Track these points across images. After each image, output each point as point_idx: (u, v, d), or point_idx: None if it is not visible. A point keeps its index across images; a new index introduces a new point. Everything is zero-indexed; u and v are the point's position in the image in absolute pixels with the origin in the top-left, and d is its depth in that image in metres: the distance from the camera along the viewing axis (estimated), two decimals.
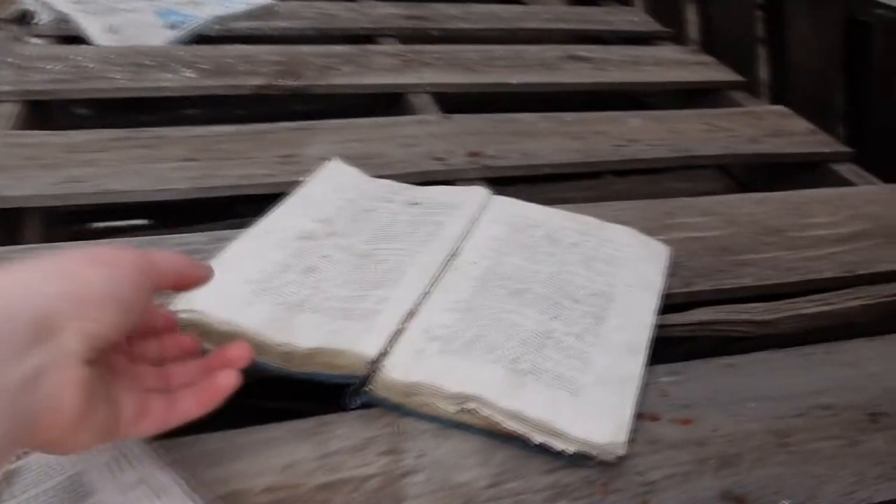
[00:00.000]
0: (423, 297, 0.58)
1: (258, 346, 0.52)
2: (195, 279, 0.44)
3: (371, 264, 0.61)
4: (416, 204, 0.69)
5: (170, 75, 0.97)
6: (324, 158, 0.81)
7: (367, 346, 0.52)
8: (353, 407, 0.52)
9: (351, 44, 1.19)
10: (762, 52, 1.29)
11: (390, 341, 0.53)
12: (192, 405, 0.43)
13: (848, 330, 0.67)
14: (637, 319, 0.58)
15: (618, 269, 0.63)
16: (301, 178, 0.77)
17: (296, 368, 0.52)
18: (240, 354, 0.46)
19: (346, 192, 0.71)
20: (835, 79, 1.14)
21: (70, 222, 0.88)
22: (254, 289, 0.57)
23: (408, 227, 0.66)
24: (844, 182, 0.91)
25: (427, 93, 1.02)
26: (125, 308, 0.36)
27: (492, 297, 0.58)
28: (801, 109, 1.08)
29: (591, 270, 0.62)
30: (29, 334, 0.32)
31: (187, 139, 0.83)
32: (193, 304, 0.54)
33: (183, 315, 0.53)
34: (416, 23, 1.27)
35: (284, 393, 0.60)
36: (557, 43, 1.23)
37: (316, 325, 0.54)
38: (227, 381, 0.44)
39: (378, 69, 1.05)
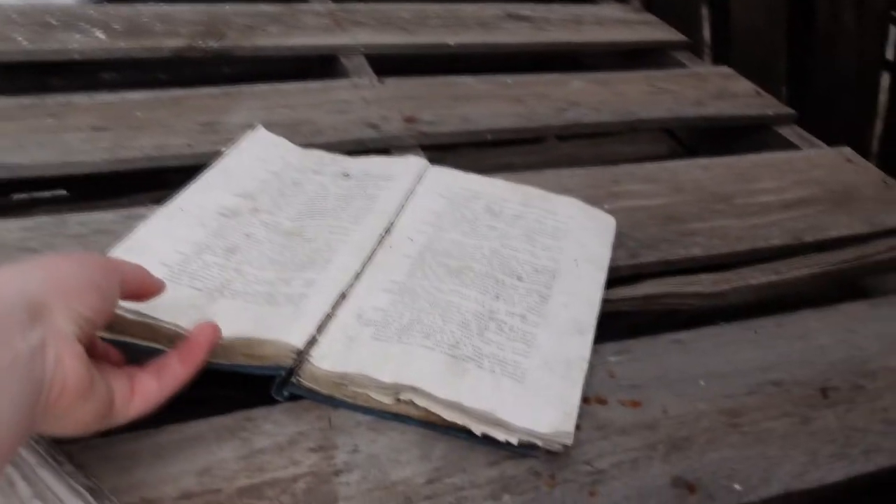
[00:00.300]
0: (356, 279, 0.53)
1: (176, 337, 0.47)
2: (153, 290, 0.46)
3: (298, 243, 0.56)
4: (348, 176, 0.65)
5: (78, 36, 0.89)
6: (248, 126, 0.76)
7: (293, 335, 0.47)
8: (280, 399, 0.48)
9: (277, 2, 1.11)
10: (705, 12, 1.26)
11: (319, 328, 0.49)
12: (178, 367, 0.43)
13: (796, 299, 0.66)
14: (584, 296, 0.55)
15: (563, 243, 0.60)
16: (223, 149, 0.71)
17: (218, 360, 0.48)
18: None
19: (270, 164, 0.66)
20: (778, 39, 1.12)
21: None
22: (169, 273, 0.52)
23: (339, 201, 0.61)
24: (789, 145, 0.90)
25: (360, 54, 0.96)
26: (104, 295, 0.39)
27: (429, 276, 0.54)
28: (745, 70, 1.06)
29: (534, 245, 0.59)
30: (27, 314, 0.34)
31: (98, 106, 0.77)
32: None
33: None
34: None
35: (209, 380, 0.55)
36: (495, 0, 1.18)
37: (237, 312, 0.49)
38: (208, 334, 0.45)
39: (307, 29, 0.99)
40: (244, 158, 0.66)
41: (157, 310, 0.48)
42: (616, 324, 0.63)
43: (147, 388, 0.42)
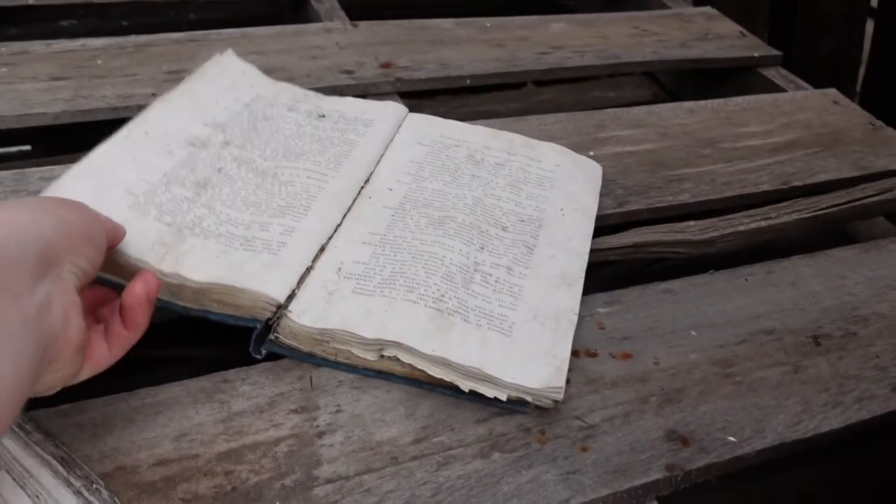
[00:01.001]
0: (335, 229, 0.51)
1: (140, 268, 0.44)
2: (120, 237, 0.44)
3: (274, 185, 0.53)
4: (323, 116, 0.61)
5: None
6: None
7: (273, 287, 0.45)
8: (258, 356, 0.46)
9: None
10: None
11: (299, 280, 0.47)
12: (125, 332, 0.41)
13: (786, 244, 0.64)
14: (571, 247, 0.54)
15: (548, 192, 0.58)
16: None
17: (187, 304, 0.45)
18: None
19: (240, 94, 0.62)
20: None
21: None
22: (134, 202, 0.48)
23: (315, 143, 0.58)
24: (774, 87, 0.87)
25: None
26: (98, 248, 0.39)
27: (411, 227, 0.52)
28: (727, 11, 1.04)
29: (519, 194, 0.57)
30: (39, 264, 0.34)
31: (56, 55, 0.73)
32: None
33: None
34: None
35: (179, 339, 0.53)
36: None
37: (210, 255, 0.46)
38: (142, 290, 0.41)
39: None
40: (211, 85, 0.61)
41: (124, 243, 0.45)
42: (604, 273, 0.62)
43: (98, 354, 0.40)
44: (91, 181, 0.48)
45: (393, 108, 0.64)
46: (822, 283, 0.58)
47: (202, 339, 0.52)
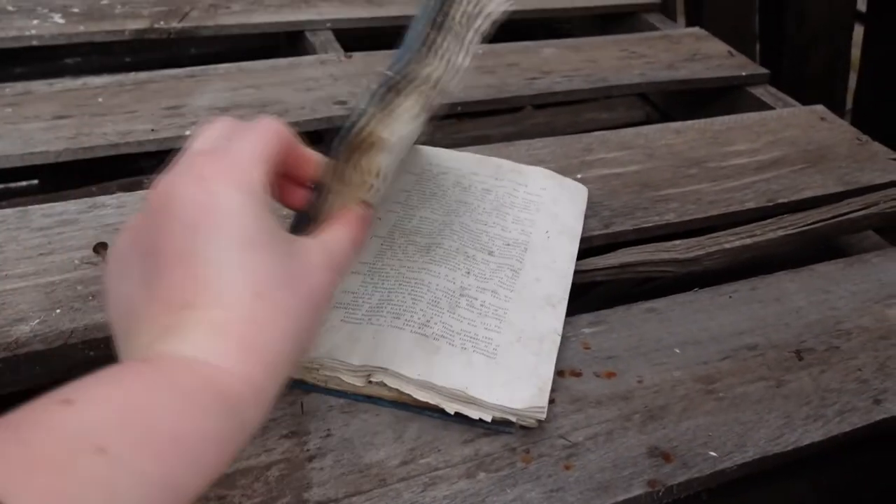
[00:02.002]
0: None
1: None
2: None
3: None
4: None
5: (36, 22, 0.87)
6: (214, 108, 0.75)
7: None
8: None
9: None
10: None
11: None
12: None
13: (772, 262, 0.65)
14: (556, 269, 0.55)
15: (534, 215, 0.59)
16: (189, 133, 0.70)
17: None
18: None
19: None
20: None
21: None
22: None
23: None
24: (762, 105, 0.89)
25: (327, 29, 0.95)
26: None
27: (398, 255, 0.53)
28: (717, 28, 1.05)
29: (505, 218, 0.58)
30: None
31: (59, 94, 0.75)
32: None
33: None
34: None
35: None
36: None
37: None
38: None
39: (271, 5, 0.97)
40: None
41: None
42: (593, 294, 0.63)
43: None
44: None
45: None
46: (806, 298, 0.59)
47: None
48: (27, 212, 0.60)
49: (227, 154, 0.34)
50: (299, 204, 0.39)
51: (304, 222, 0.38)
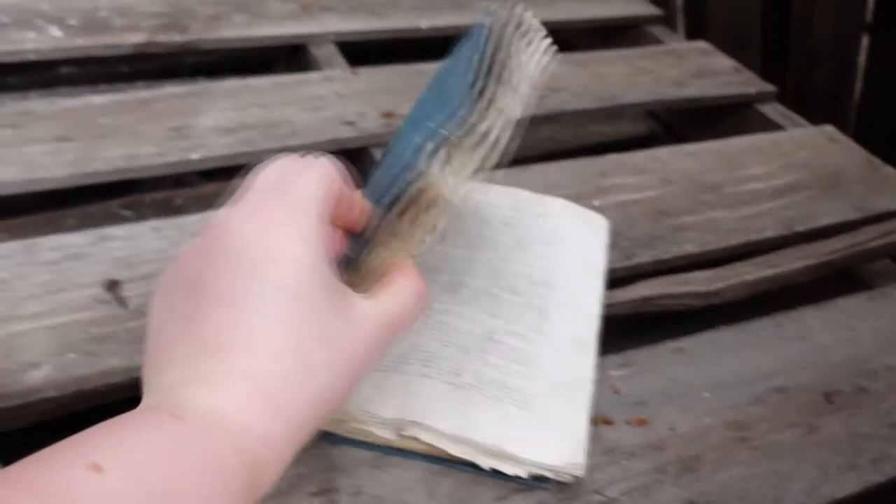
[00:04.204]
0: None
1: None
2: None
3: None
4: None
5: (33, 35, 0.85)
6: (219, 129, 0.73)
7: None
8: None
9: None
10: None
11: None
12: None
13: (792, 291, 0.65)
14: (583, 309, 0.54)
15: (557, 250, 0.58)
16: (195, 156, 0.68)
17: None
18: None
19: None
20: (753, 5, 1.10)
21: None
22: None
23: None
24: (772, 124, 0.88)
25: (330, 42, 0.93)
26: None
27: None
28: (719, 38, 1.05)
29: (528, 254, 0.57)
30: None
31: (60, 114, 0.73)
32: None
33: None
34: None
35: None
36: None
37: None
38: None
39: (274, 17, 0.95)
40: None
41: None
42: (612, 326, 0.62)
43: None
44: None
45: None
46: (831, 336, 0.58)
47: None
48: (34, 245, 0.58)
49: (288, 196, 0.33)
50: (337, 249, 0.37)
51: (340, 268, 0.37)
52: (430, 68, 0.87)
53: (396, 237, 0.37)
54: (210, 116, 0.74)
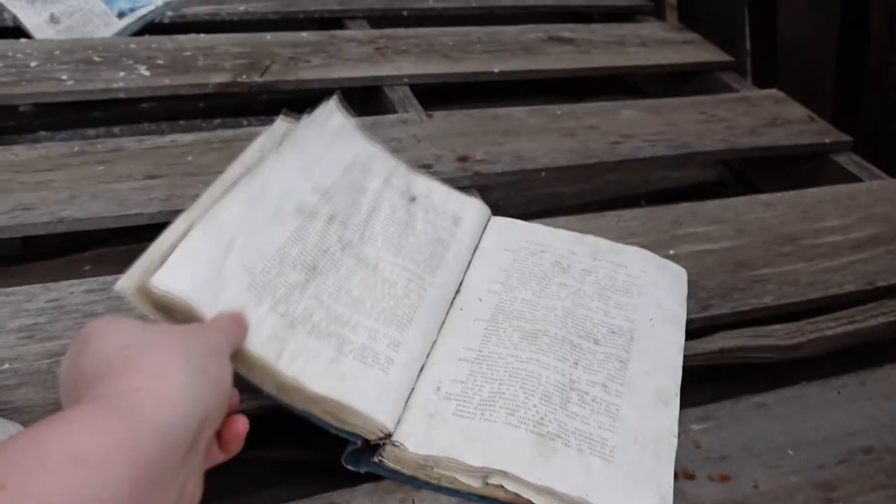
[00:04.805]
0: (434, 344, 0.52)
1: (256, 363, 0.45)
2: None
3: (377, 281, 0.53)
4: (414, 199, 0.62)
5: (122, 73, 0.88)
6: None
7: (385, 415, 0.45)
8: (356, 469, 0.46)
9: (317, 28, 1.10)
10: (748, 25, 1.24)
11: (405, 403, 0.47)
12: (220, 454, 0.40)
13: (875, 347, 0.64)
14: (664, 361, 0.54)
15: (636, 300, 0.58)
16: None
17: (295, 404, 0.46)
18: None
19: (342, 153, 0.61)
20: (827, 55, 1.09)
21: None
22: (252, 283, 0.47)
23: (410, 236, 0.57)
24: (847, 174, 0.87)
25: (404, 84, 0.95)
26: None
27: (504, 342, 0.52)
28: (790, 87, 1.04)
29: (608, 303, 0.57)
30: (191, 443, 0.33)
31: (149, 152, 0.75)
32: (177, 282, 0.44)
33: (156, 290, 0.43)
34: (386, 2, 1.18)
35: (283, 439, 0.54)
36: (536, 21, 1.16)
37: (323, 361, 0.46)
38: (241, 425, 0.40)
39: (350, 59, 0.98)
40: (317, 139, 0.59)
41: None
42: (688, 376, 0.62)
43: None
44: (214, 245, 0.47)
45: (477, 210, 0.65)
46: None
47: (289, 437, 0.53)
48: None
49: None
50: None
51: None
52: (504, 112, 0.90)
53: None
54: None
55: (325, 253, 0.53)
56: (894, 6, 0.95)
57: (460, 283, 0.58)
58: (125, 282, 0.43)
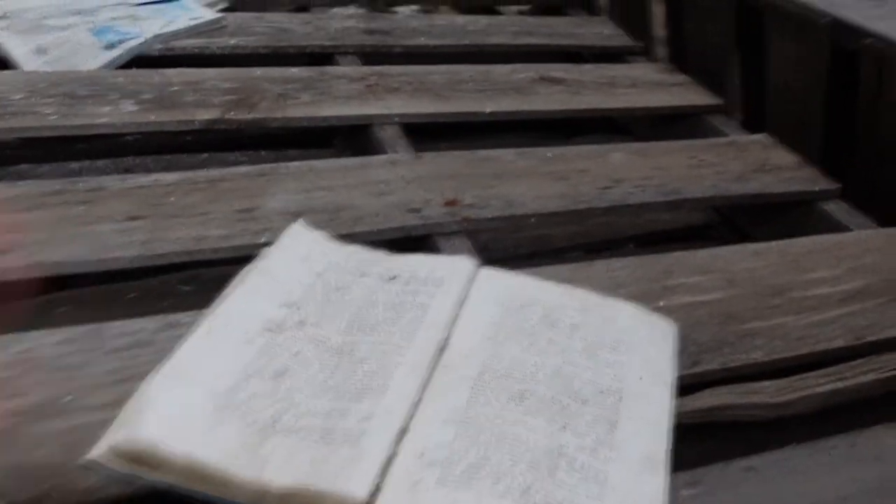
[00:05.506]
0: (415, 407, 0.51)
1: (225, 482, 0.44)
2: None
3: (350, 364, 0.53)
4: (394, 278, 0.62)
5: (107, 108, 0.87)
6: (287, 212, 0.74)
7: (355, 485, 0.44)
8: None
9: (307, 63, 1.10)
10: (737, 71, 1.24)
11: (382, 471, 0.46)
12: None
13: (864, 404, 0.63)
14: (653, 422, 0.53)
15: (625, 357, 0.57)
16: (263, 239, 0.69)
17: None
18: None
19: (314, 264, 0.63)
20: (816, 101, 1.09)
21: None
22: (218, 405, 0.49)
23: (388, 311, 0.58)
24: (836, 223, 0.87)
25: (395, 123, 0.94)
26: None
27: (491, 402, 0.51)
28: (778, 131, 1.04)
29: (596, 361, 0.56)
30: None
31: (131, 191, 0.74)
32: (140, 432, 0.45)
33: (125, 446, 0.45)
34: (377, 38, 1.18)
35: None
36: (527, 61, 1.16)
37: (291, 454, 0.46)
38: None
39: (340, 97, 0.97)
40: (286, 259, 0.63)
41: (205, 454, 0.45)
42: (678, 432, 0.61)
43: None
44: (178, 388, 0.49)
45: (464, 265, 0.64)
46: None
47: None
48: (101, 330, 0.58)
49: None
50: None
51: None
52: (494, 154, 0.89)
53: None
54: (277, 199, 0.75)
55: (296, 356, 0.54)
56: (882, 53, 0.95)
57: (446, 339, 0.57)
58: (96, 452, 0.45)
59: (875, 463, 0.55)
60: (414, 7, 1.51)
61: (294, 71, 1.03)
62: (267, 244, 0.65)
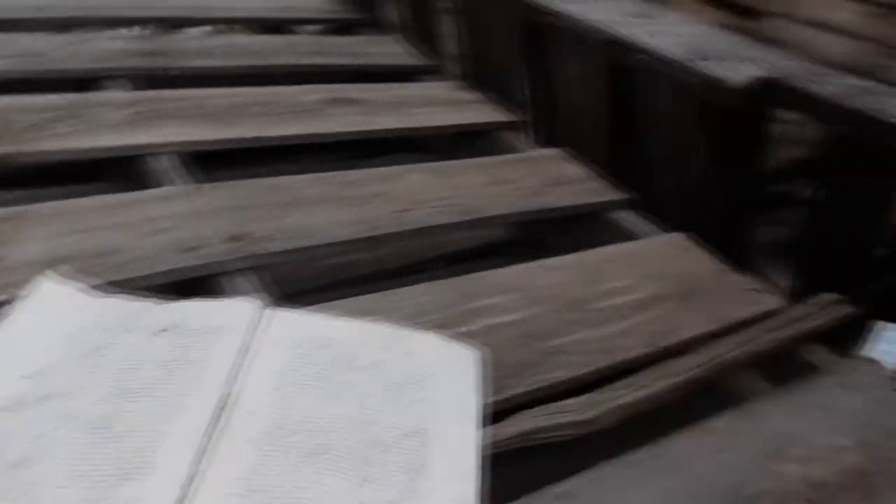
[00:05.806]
0: (191, 482, 0.44)
1: None
2: None
3: (109, 441, 0.45)
4: (165, 331, 0.54)
5: None
6: (35, 262, 0.63)
7: None
8: None
9: (73, 90, 0.98)
10: (526, 87, 1.27)
11: None
12: None
13: (664, 412, 0.64)
14: (461, 462, 0.49)
15: (429, 394, 0.54)
16: (1, 298, 0.59)
17: None
18: None
19: (65, 324, 0.54)
20: (600, 114, 1.13)
21: None
22: None
23: (157, 371, 0.51)
24: (626, 232, 0.89)
25: (172, 153, 0.86)
26: None
27: (282, 465, 0.46)
28: (571, 145, 1.06)
29: (398, 401, 0.52)
30: None
31: None
32: None
33: None
34: (151, 60, 1.09)
35: None
36: (317, 82, 1.11)
37: None
38: None
39: (105, 126, 0.87)
40: (29, 320, 0.54)
41: None
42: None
43: None
44: None
45: (245, 308, 0.58)
46: (706, 463, 0.57)
47: None
48: None
49: None
50: None
51: None
52: (283, 182, 0.83)
53: None
54: (27, 247, 0.65)
55: (38, 438, 0.45)
56: (653, 67, 1.00)
57: (227, 397, 0.50)
58: None
59: (677, 473, 0.56)
60: (206, 28, 1.42)
61: (52, 98, 0.91)
62: (6, 303, 0.55)
